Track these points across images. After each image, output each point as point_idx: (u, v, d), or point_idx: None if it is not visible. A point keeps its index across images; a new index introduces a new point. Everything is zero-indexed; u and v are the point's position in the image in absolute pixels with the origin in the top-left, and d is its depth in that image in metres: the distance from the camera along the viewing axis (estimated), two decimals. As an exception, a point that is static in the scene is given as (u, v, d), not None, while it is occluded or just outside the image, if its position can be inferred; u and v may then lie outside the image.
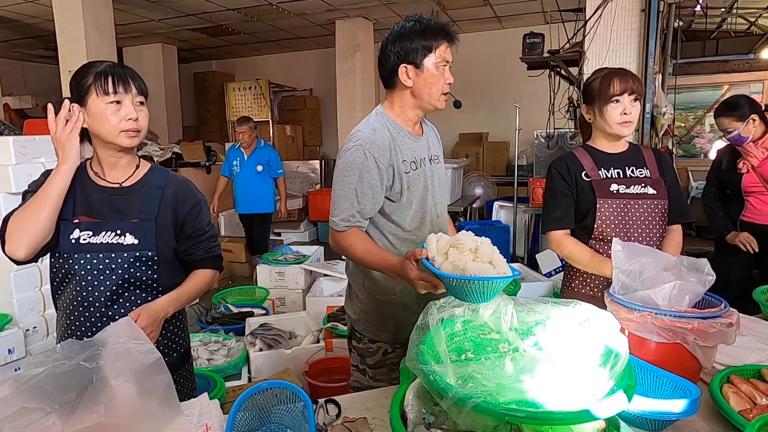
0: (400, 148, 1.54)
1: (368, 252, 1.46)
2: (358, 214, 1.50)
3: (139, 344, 1.05)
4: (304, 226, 7.32)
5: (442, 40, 1.49)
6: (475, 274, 1.13)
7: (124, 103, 1.29)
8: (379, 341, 1.69)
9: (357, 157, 1.48)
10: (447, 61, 1.51)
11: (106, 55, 5.45)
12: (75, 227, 1.31)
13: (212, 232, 1.50)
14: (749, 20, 5.22)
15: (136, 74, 1.34)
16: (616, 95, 1.67)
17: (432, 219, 1.64)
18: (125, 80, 1.29)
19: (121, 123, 1.29)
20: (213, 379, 2.29)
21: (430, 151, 1.66)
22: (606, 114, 1.70)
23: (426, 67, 1.50)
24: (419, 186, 1.58)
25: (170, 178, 1.44)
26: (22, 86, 8.89)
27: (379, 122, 1.56)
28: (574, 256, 1.74)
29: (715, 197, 3.09)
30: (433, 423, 1.03)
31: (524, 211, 5.04)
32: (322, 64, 9.02)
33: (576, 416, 0.86)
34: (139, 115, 1.31)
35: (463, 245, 1.21)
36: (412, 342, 1.07)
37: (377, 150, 1.48)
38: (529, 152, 6.66)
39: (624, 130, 1.70)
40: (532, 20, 7.05)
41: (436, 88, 1.51)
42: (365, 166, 1.47)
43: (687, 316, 1.21)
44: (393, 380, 1.67)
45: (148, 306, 1.30)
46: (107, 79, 1.27)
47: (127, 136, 1.30)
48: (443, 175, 1.72)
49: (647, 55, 3.44)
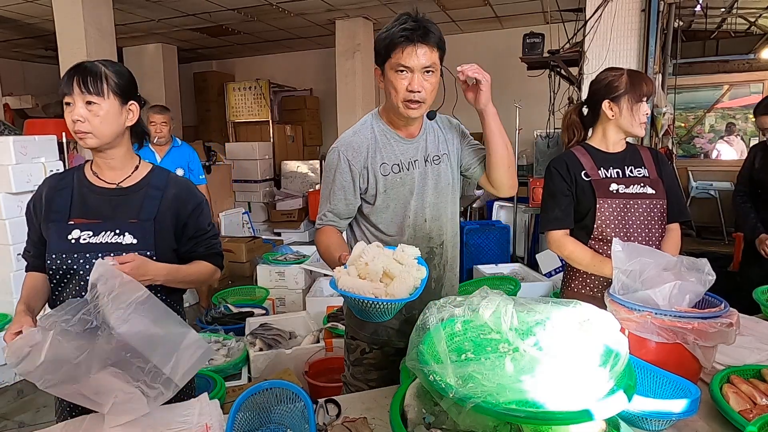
0: (381, 151, 1.53)
1: (326, 249, 1.49)
2: (330, 213, 1.55)
3: (128, 286, 1.15)
4: (304, 226, 7.32)
5: (400, 44, 1.37)
6: (354, 291, 1.13)
7: (74, 104, 1.28)
8: (358, 339, 1.70)
9: (333, 159, 1.55)
10: (406, 67, 1.38)
11: (106, 55, 5.45)
12: (73, 228, 1.32)
13: (213, 231, 1.52)
14: (749, 20, 5.22)
15: (101, 72, 1.29)
16: (645, 95, 1.69)
17: (417, 224, 1.58)
18: (79, 80, 1.27)
19: (74, 125, 1.29)
20: (213, 379, 2.29)
21: (428, 151, 1.59)
22: (635, 112, 1.71)
23: (386, 72, 1.44)
24: (400, 190, 1.55)
25: (171, 180, 1.45)
26: (22, 86, 8.88)
27: (365, 123, 1.58)
28: (574, 257, 1.74)
29: (746, 196, 2.96)
30: (433, 423, 1.03)
31: (524, 211, 5.04)
32: (322, 64, 9.02)
33: (576, 416, 0.86)
34: (88, 116, 1.28)
35: (361, 260, 1.21)
36: (412, 342, 1.07)
37: (351, 152, 1.52)
38: (529, 152, 6.65)
39: (642, 130, 1.75)
40: (532, 20, 7.04)
41: (394, 96, 1.44)
42: (338, 167, 1.53)
43: (687, 316, 1.21)
44: (369, 381, 1.68)
45: (142, 263, 1.27)
46: (63, 80, 1.29)
47: (78, 138, 1.30)
48: (447, 175, 1.62)
49: (647, 55, 3.45)
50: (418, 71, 1.39)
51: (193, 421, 1.17)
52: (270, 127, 8.43)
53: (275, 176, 8.18)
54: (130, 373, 1.12)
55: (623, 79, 1.71)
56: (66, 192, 1.36)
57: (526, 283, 3.67)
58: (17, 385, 3.03)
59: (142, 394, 1.11)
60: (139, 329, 1.11)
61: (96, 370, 1.10)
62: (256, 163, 7.63)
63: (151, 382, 1.12)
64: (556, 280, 3.77)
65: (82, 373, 1.09)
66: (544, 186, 1.85)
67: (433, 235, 1.60)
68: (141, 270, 1.26)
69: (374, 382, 1.67)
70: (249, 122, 8.70)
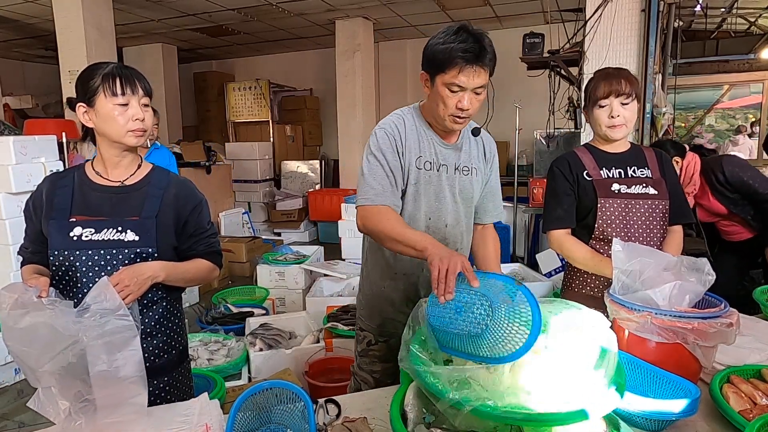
0: (420, 144, 1.53)
1: (396, 224, 1.41)
2: (379, 189, 1.48)
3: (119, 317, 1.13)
4: (304, 226, 7.33)
5: (459, 62, 1.34)
6: None
7: (131, 104, 1.33)
8: (366, 330, 1.71)
9: (381, 138, 1.50)
10: (460, 87, 1.38)
11: (106, 55, 5.46)
12: (75, 225, 1.33)
13: (213, 229, 1.53)
14: (749, 20, 5.23)
15: (142, 75, 1.38)
16: (601, 98, 1.67)
17: (437, 227, 1.58)
18: (132, 82, 1.34)
19: (128, 123, 1.33)
20: (213, 379, 2.29)
21: (461, 161, 1.58)
22: (592, 117, 1.72)
23: (436, 84, 1.42)
24: (427, 188, 1.55)
25: (172, 179, 1.47)
26: (22, 86, 8.89)
27: (407, 115, 1.56)
28: (575, 256, 1.74)
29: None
30: (433, 422, 1.03)
31: (524, 211, 5.04)
32: (322, 64, 9.02)
33: (571, 416, 0.87)
34: (145, 116, 1.36)
35: None
36: (404, 343, 1.07)
37: (397, 134, 1.50)
38: (529, 152, 6.66)
39: (612, 133, 1.70)
40: (532, 20, 7.05)
41: (442, 109, 1.44)
42: (388, 147, 1.49)
43: (687, 316, 1.20)
44: (373, 372, 1.69)
45: (133, 266, 1.30)
46: (115, 81, 1.31)
47: (134, 136, 1.35)
48: (470, 189, 1.61)
49: (647, 55, 3.45)
50: (470, 90, 1.39)
51: (193, 421, 1.17)
52: (270, 127, 8.44)
53: (275, 176, 8.19)
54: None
55: (588, 85, 1.73)
56: (67, 190, 1.37)
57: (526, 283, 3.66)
58: (17, 385, 3.03)
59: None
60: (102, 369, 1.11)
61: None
62: (256, 163, 7.64)
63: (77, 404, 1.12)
64: (556, 280, 3.76)
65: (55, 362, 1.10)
66: (546, 186, 1.85)
67: (450, 241, 1.60)
68: (136, 273, 1.27)
69: (378, 374, 1.68)
70: (249, 122, 8.71)
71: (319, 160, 8.33)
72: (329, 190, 7.64)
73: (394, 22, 7.41)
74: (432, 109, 1.49)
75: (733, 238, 2.80)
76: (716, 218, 2.77)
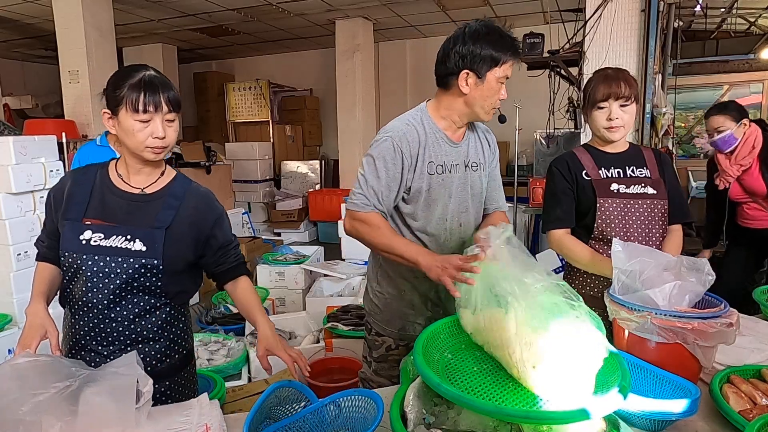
0: (430, 149, 1.54)
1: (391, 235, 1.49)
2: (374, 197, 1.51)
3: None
4: (304, 226, 7.33)
5: (510, 56, 1.46)
6: None
7: (153, 121, 1.29)
8: (384, 335, 1.71)
9: (386, 147, 1.50)
10: (507, 78, 1.49)
11: (105, 55, 5.46)
12: (86, 228, 1.32)
13: (236, 241, 1.54)
14: (749, 20, 5.22)
15: (170, 87, 1.32)
16: (600, 101, 1.68)
17: (452, 228, 1.61)
18: (157, 98, 1.28)
19: (148, 140, 1.30)
20: (213, 379, 2.28)
21: (469, 157, 1.62)
22: (591, 119, 1.73)
23: (488, 80, 1.46)
24: (441, 191, 1.56)
25: (191, 191, 1.43)
26: (22, 86, 8.89)
27: (416, 118, 1.56)
28: (574, 256, 1.74)
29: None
30: (433, 423, 1.03)
31: (524, 211, 5.04)
32: (322, 64, 9.02)
33: (573, 415, 0.87)
34: (167, 132, 1.32)
35: None
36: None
37: (405, 144, 1.50)
38: (529, 152, 6.66)
39: (611, 134, 1.71)
40: (532, 20, 7.04)
41: (490, 102, 1.49)
42: (393, 158, 1.50)
43: (687, 316, 1.20)
44: (393, 377, 1.68)
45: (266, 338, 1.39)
46: (139, 97, 1.26)
47: (152, 152, 1.32)
48: (479, 184, 1.66)
49: (647, 55, 3.45)
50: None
51: (193, 421, 1.17)
52: (270, 127, 8.44)
53: (275, 176, 8.19)
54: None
55: (587, 87, 1.74)
56: (86, 187, 1.36)
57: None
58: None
59: None
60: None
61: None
62: (256, 163, 7.64)
63: None
64: (556, 280, 3.76)
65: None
66: (545, 186, 1.85)
67: (466, 241, 1.61)
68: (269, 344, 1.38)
69: (398, 378, 1.68)
70: (249, 122, 8.71)
71: (319, 160, 8.33)
72: (329, 190, 7.64)
73: (394, 22, 7.41)
74: (473, 107, 1.52)
75: (751, 225, 2.83)
76: (747, 198, 2.78)
